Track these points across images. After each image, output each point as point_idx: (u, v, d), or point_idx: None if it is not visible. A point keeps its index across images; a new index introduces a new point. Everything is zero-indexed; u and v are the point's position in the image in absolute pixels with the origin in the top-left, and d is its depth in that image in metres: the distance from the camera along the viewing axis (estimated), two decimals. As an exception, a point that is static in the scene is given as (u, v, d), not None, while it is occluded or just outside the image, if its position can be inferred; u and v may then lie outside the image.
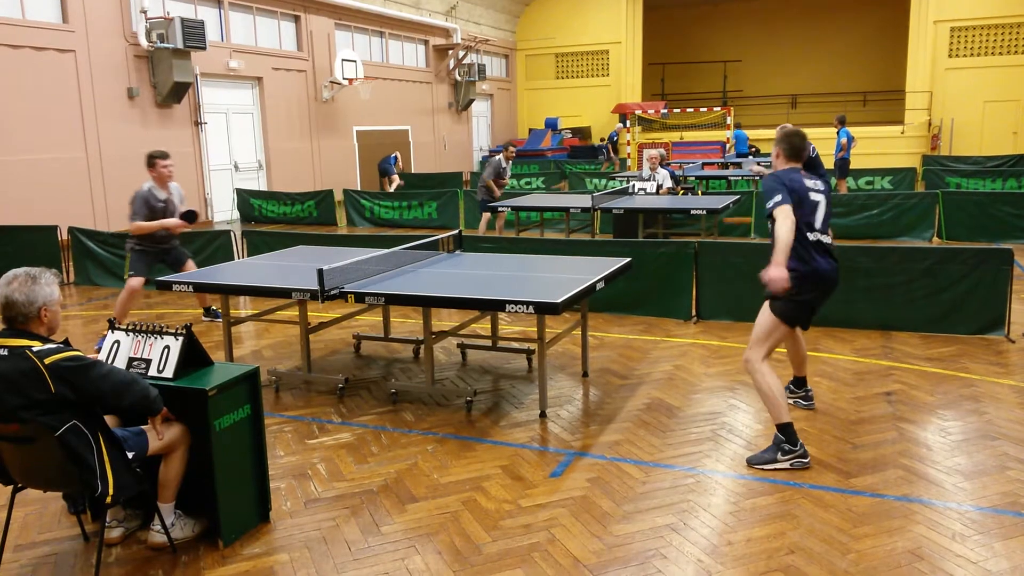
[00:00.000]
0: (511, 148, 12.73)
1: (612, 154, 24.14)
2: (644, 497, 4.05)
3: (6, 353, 3.06)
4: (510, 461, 4.52)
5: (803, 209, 4.37)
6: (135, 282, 7.19)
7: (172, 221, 7.18)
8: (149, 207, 7.11)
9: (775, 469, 4.32)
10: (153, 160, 7.23)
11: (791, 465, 4.32)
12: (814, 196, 4.46)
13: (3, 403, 3.03)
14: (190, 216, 7.25)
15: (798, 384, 5.29)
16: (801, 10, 30.80)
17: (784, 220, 4.23)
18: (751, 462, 4.40)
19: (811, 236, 4.40)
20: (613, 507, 3.94)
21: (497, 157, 12.49)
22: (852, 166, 16.14)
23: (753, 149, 22.04)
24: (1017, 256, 7.31)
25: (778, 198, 4.31)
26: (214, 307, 7.79)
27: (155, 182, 7.22)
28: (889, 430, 4.82)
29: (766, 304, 4.49)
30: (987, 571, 3.32)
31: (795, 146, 4.60)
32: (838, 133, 15.17)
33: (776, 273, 4.15)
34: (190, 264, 7.50)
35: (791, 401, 5.17)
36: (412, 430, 5.03)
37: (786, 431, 4.35)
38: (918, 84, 24.84)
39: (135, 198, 7.15)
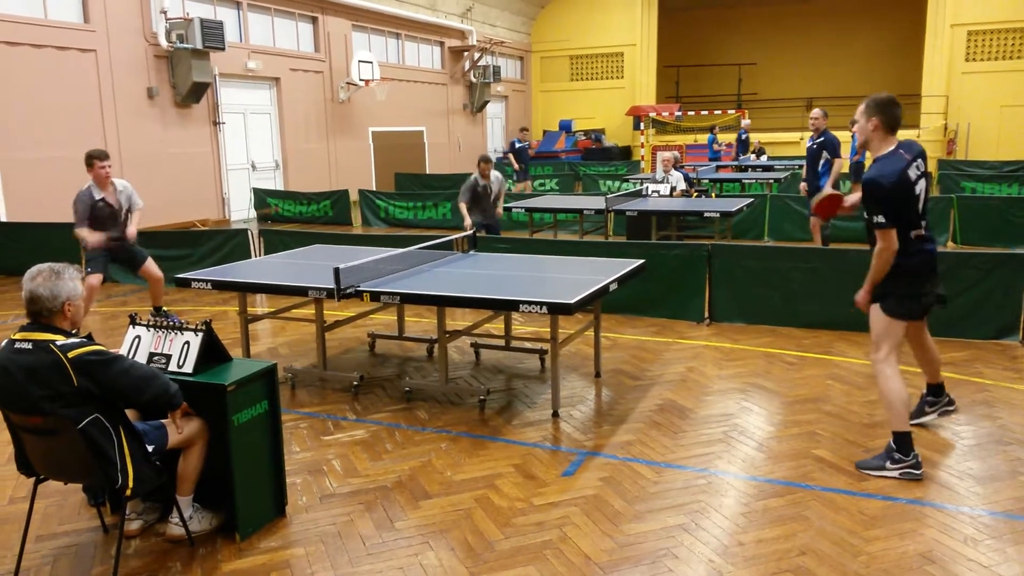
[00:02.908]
0: (482, 164, 9.89)
1: (516, 164, 18.12)
2: (656, 497, 4.07)
3: (30, 347, 3.13)
4: (523, 460, 4.56)
5: (908, 208, 4.09)
6: (94, 279, 7.31)
7: (92, 238, 7.21)
8: (90, 207, 7.18)
9: (882, 476, 4.22)
10: (91, 160, 7.25)
11: (899, 476, 4.18)
12: (917, 188, 4.12)
13: (27, 395, 3.10)
14: (117, 233, 7.31)
15: (935, 392, 4.88)
16: (817, 13, 30.70)
17: (887, 247, 4.05)
18: (860, 466, 4.30)
19: (913, 234, 4.17)
20: (625, 506, 3.97)
21: (472, 176, 10.02)
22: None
23: (757, 147, 21.98)
24: (1033, 261, 7.26)
25: (882, 219, 4.03)
26: (165, 308, 7.80)
27: (94, 182, 7.27)
28: (901, 434, 4.82)
29: (877, 305, 4.31)
30: None
31: (895, 117, 4.15)
32: (853, 136, 15.11)
33: (862, 299, 4.23)
34: (150, 264, 7.60)
35: (933, 413, 4.84)
36: (426, 428, 5.08)
37: (900, 440, 4.19)
38: (934, 88, 24.70)
39: (76, 201, 7.20)
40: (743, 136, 20.57)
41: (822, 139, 9.82)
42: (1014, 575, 3.33)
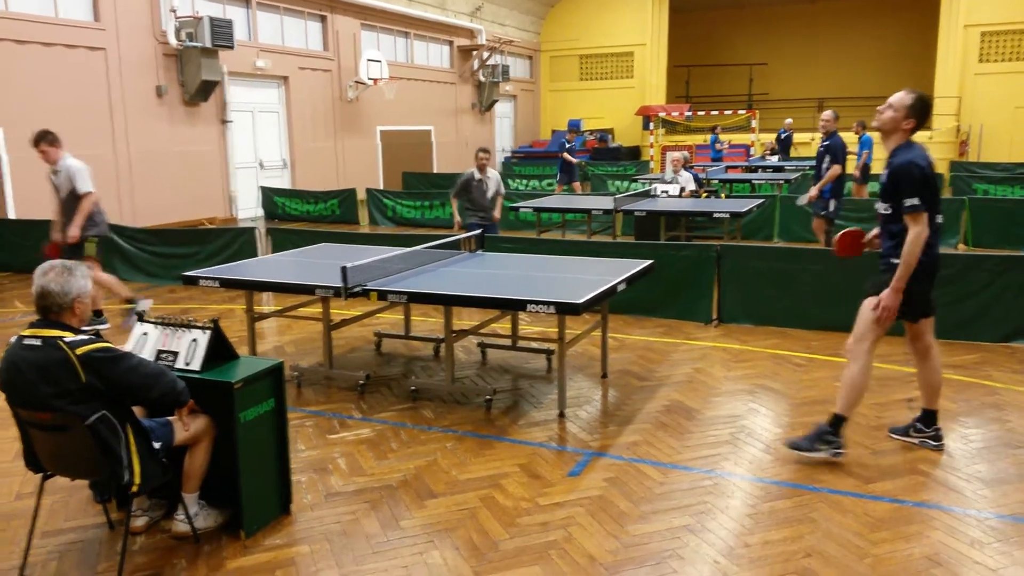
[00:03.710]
0: (480, 154, 9.46)
1: (572, 160, 16.81)
2: (661, 498, 4.06)
3: (39, 343, 3.14)
4: (528, 460, 4.55)
5: (935, 193, 4.11)
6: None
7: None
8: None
9: (814, 457, 4.39)
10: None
11: (829, 455, 4.37)
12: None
13: (36, 392, 3.11)
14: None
15: (927, 421, 4.63)
16: (828, 13, 30.56)
17: (920, 232, 4.01)
18: (790, 445, 4.47)
19: (939, 219, 4.22)
20: (630, 507, 3.96)
21: (468, 170, 9.51)
22: (879, 171, 16.09)
23: (771, 149, 21.90)
24: (1044, 264, 7.21)
25: (917, 201, 4.01)
26: (136, 301, 7.71)
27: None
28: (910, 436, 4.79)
29: (868, 300, 4.34)
30: (1006, 579, 3.31)
31: (927, 116, 4.26)
32: (861, 139, 15.07)
33: (892, 302, 4.14)
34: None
35: (916, 441, 4.64)
36: (432, 427, 5.08)
37: (838, 422, 4.38)
38: (947, 89, 24.55)
39: None
40: (783, 135, 19.91)
41: (828, 142, 9.81)
42: (1022, 579, 3.31)
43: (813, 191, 9.89)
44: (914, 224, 4.08)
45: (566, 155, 16.63)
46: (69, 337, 3.16)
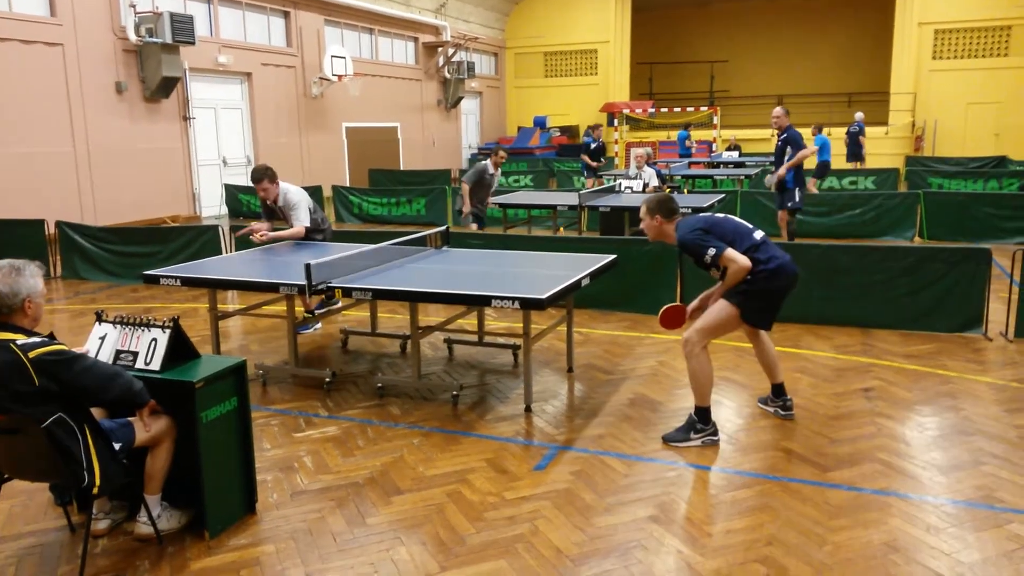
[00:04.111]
0: (501, 152, 10.63)
1: (591, 163, 16.83)
2: (626, 490, 4.11)
3: (-9, 345, 3.08)
4: (495, 454, 4.57)
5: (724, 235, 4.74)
6: None
7: None
8: None
9: (688, 447, 4.61)
10: None
11: (702, 443, 4.64)
12: None
13: (-11, 394, 3.06)
14: None
15: (776, 392, 5.13)
16: (787, 12, 30.98)
17: (738, 269, 4.61)
18: (666, 439, 4.68)
19: (757, 236, 4.79)
20: (596, 499, 4.00)
21: (484, 162, 10.65)
22: (837, 166, 16.53)
23: (732, 143, 22.19)
24: (996, 256, 7.41)
25: (713, 251, 4.61)
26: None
27: None
28: (867, 425, 4.91)
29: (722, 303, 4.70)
30: (960, 562, 3.40)
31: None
32: (816, 136, 15.62)
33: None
34: None
35: (771, 410, 5.14)
36: (398, 424, 5.08)
37: (701, 413, 4.66)
38: (903, 85, 25.04)
39: None
40: (854, 129, 19.17)
41: (785, 135, 10.28)
42: (974, 561, 3.40)
43: (782, 170, 10.15)
44: (730, 263, 4.54)
45: (585, 157, 16.83)
46: (21, 340, 3.10)
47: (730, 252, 4.51)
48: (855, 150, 18.96)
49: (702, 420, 4.66)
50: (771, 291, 4.64)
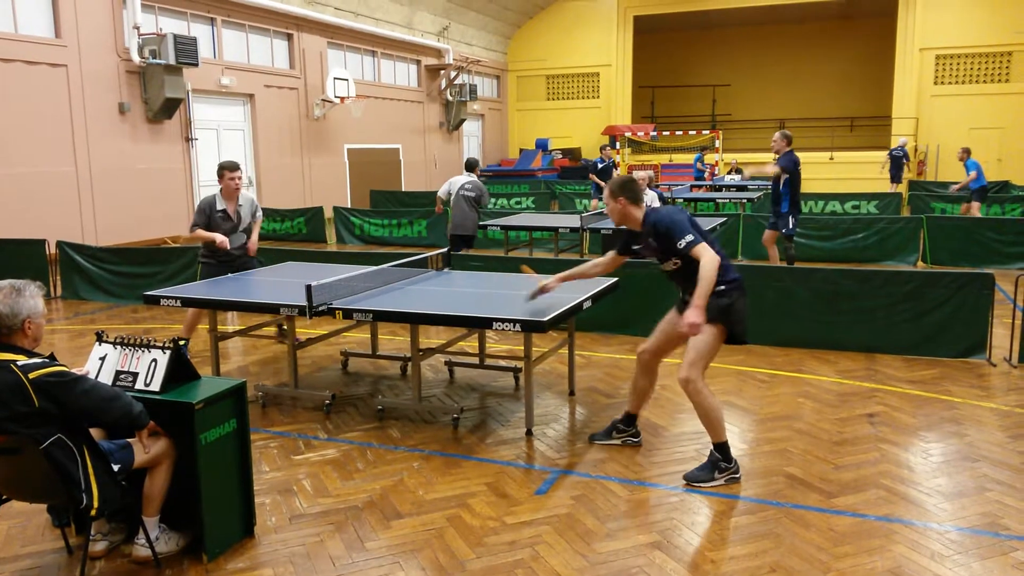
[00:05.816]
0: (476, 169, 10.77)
1: (600, 183, 16.68)
2: (628, 515, 4.07)
3: (-8, 366, 3.07)
4: (495, 478, 4.54)
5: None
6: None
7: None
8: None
9: (713, 486, 4.38)
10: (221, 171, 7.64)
11: (726, 482, 4.42)
12: None
13: (-12, 415, 3.04)
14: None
15: (627, 422, 5.02)
16: (790, 36, 31.19)
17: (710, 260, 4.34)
18: (688, 479, 4.45)
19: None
20: (597, 524, 3.97)
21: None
22: (840, 190, 16.50)
23: (735, 166, 22.27)
24: (999, 281, 7.41)
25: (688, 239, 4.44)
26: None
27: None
28: (871, 451, 4.87)
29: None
30: (965, 591, 3.36)
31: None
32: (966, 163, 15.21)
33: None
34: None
35: (619, 441, 4.99)
36: (398, 447, 5.04)
37: (723, 450, 4.45)
38: (904, 110, 25.17)
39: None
40: (898, 153, 19.95)
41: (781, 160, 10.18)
42: (981, 591, 3.36)
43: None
44: (703, 255, 4.36)
45: (593, 176, 16.80)
46: (22, 360, 3.09)
47: (706, 245, 4.34)
48: (896, 172, 19.04)
49: (724, 458, 4.46)
50: (742, 302, 4.51)
